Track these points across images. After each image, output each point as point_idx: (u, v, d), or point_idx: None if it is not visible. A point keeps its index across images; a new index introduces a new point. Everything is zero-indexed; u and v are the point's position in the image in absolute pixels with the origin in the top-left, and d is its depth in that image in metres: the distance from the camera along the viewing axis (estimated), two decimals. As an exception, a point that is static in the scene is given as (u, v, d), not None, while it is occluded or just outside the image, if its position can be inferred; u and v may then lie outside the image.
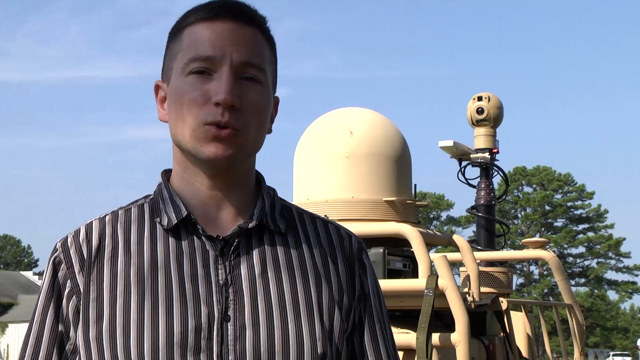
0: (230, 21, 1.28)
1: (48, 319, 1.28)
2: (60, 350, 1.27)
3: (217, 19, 1.28)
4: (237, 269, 1.26)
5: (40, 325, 1.28)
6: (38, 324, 1.28)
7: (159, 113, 1.34)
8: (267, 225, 1.31)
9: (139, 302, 1.23)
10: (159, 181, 1.36)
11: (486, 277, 6.02)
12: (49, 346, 1.27)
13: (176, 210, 1.29)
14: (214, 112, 1.24)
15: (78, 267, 1.27)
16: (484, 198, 7.37)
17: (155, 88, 1.36)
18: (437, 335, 4.42)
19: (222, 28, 1.27)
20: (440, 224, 55.16)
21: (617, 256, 54.30)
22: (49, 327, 1.27)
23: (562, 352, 7.23)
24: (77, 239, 1.30)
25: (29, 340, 1.28)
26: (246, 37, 1.28)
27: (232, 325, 1.23)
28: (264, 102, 1.29)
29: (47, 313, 1.28)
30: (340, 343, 1.28)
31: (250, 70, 1.27)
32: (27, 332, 1.30)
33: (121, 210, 1.34)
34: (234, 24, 1.28)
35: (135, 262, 1.26)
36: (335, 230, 1.37)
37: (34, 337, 1.28)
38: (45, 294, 1.29)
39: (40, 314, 1.28)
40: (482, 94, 7.40)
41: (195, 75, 1.26)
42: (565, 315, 6.86)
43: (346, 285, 1.32)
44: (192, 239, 1.28)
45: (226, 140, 1.24)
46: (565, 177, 54.84)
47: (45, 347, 1.27)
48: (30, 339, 1.28)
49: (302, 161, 5.50)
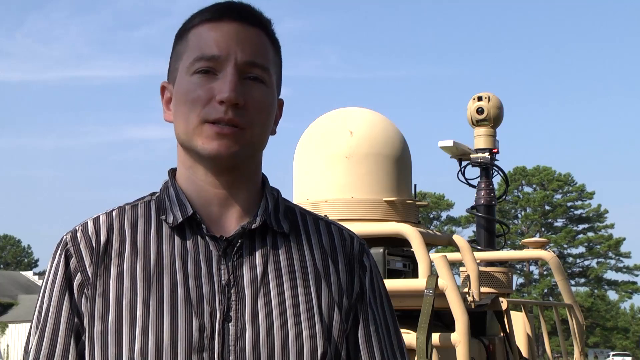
0: (235, 22, 1.29)
1: (64, 310, 1.27)
2: (77, 342, 1.26)
3: (223, 19, 1.29)
4: (240, 270, 1.27)
5: (56, 318, 1.27)
6: (53, 317, 1.27)
7: (165, 114, 1.35)
8: (271, 226, 1.32)
9: (144, 300, 1.23)
10: (166, 179, 1.36)
11: (486, 277, 6.03)
12: (66, 338, 1.26)
13: (182, 209, 1.30)
14: (217, 110, 1.25)
15: (88, 261, 1.28)
16: (484, 198, 7.37)
17: (161, 89, 1.37)
18: (437, 335, 4.43)
19: (227, 28, 1.28)
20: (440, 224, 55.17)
21: (617, 256, 54.31)
22: (66, 320, 1.26)
23: (562, 352, 7.23)
24: (85, 233, 1.30)
25: (45, 333, 1.26)
26: (251, 37, 1.29)
27: (234, 325, 1.23)
28: (268, 102, 1.30)
29: (62, 305, 1.27)
30: (339, 343, 1.28)
31: (255, 70, 1.28)
32: (37, 326, 1.27)
33: (128, 206, 1.34)
34: (239, 24, 1.29)
35: (141, 260, 1.27)
36: (337, 231, 1.38)
37: (50, 331, 1.26)
38: (59, 287, 1.28)
39: (55, 306, 1.27)
40: (482, 94, 7.40)
41: (200, 74, 1.27)
42: (565, 315, 6.86)
43: (346, 286, 1.32)
44: (196, 238, 1.29)
45: (229, 137, 1.25)
46: (565, 177, 54.85)
47: (62, 340, 1.26)
48: (46, 332, 1.26)
49: (302, 161, 5.50)
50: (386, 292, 1.39)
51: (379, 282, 1.38)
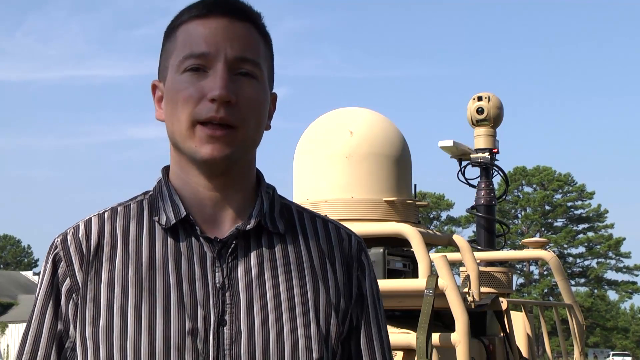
0: (223, 17, 1.27)
1: (47, 316, 1.27)
2: (59, 348, 1.26)
3: (211, 15, 1.27)
4: (234, 272, 1.25)
5: (39, 323, 1.27)
6: (37, 322, 1.27)
7: (157, 112, 1.34)
8: (266, 227, 1.30)
9: (136, 303, 1.22)
10: (159, 177, 1.34)
11: (486, 277, 6.03)
12: (48, 344, 1.26)
13: (175, 210, 1.28)
14: (209, 109, 1.23)
15: (78, 265, 1.26)
16: (484, 198, 7.37)
17: (152, 87, 1.35)
18: (437, 335, 4.42)
19: (215, 24, 1.27)
20: (440, 224, 55.15)
21: (617, 256, 54.29)
22: (48, 325, 1.26)
23: (562, 352, 7.23)
24: (76, 236, 1.29)
25: (27, 338, 1.27)
26: (240, 32, 1.27)
27: (229, 329, 1.22)
28: (260, 98, 1.28)
29: (46, 311, 1.27)
30: (336, 346, 1.27)
31: (245, 65, 1.26)
32: (25, 330, 1.29)
33: (120, 206, 1.32)
34: (228, 20, 1.27)
35: (133, 262, 1.25)
36: (335, 230, 1.36)
37: (32, 336, 1.27)
38: (44, 292, 1.28)
39: (40, 311, 1.27)
40: (482, 94, 7.41)
41: (190, 72, 1.25)
42: (565, 315, 6.86)
43: (343, 288, 1.31)
44: (190, 239, 1.27)
45: (221, 139, 1.23)
46: (565, 177, 54.84)
47: (43, 346, 1.26)
48: (29, 337, 1.27)
49: (302, 161, 5.50)
50: (379, 292, 1.38)
51: (376, 282, 1.38)
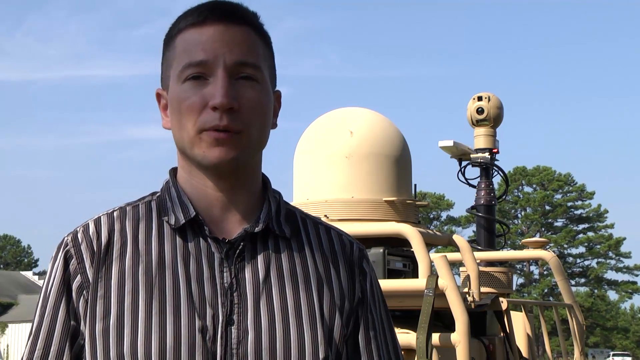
0: (219, 23, 1.27)
1: (60, 313, 1.27)
2: (72, 345, 1.26)
3: (207, 22, 1.27)
4: (242, 273, 1.27)
5: (52, 319, 1.27)
6: (49, 318, 1.27)
7: (163, 121, 1.34)
8: (273, 230, 1.31)
9: (146, 301, 1.23)
10: (166, 178, 1.35)
11: (486, 277, 6.03)
12: (62, 340, 1.26)
13: (184, 210, 1.29)
14: (212, 117, 1.23)
15: (89, 263, 1.27)
16: (484, 198, 7.38)
17: (157, 96, 1.36)
18: (437, 335, 4.43)
19: (212, 31, 1.27)
20: (440, 224, 55.14)
21: (617, 256, 54.30)
22: (62, 322, 1.27)
23: (562, 352, 7.23)
24: (87, 234, 1.29)
25: (40, 334, 1.27)
26: (238, 37, 1.27)
27: (236, 329, 1.23)
28: (263, 100, 1.28)
29: (59, 307, 1.27)
30: (340, 347, 1.29)
31: (246, 69, 1.27)
32: (35, 326, 1.28)
33: (129, 206, 1.34)
34: (224, 25, 1.27)
35: (143, 261, 1.26)
36: (337, 236, 1.38)
37: (45, 331, 1.27)
38: (56, 288, 1.28)
39: (52, 307, 1.27)
40: (482, 94, 7.41)
41: (191, 81, 1.26)
42: (565, 315, 6.87)
43: (347, 291, 1.32)
44: (199, 240, 1.28)
45: (228, 142, 1.24)
46: (565, 177, 54.85)
47: (57, 342, 1.26)
48: (41, 333, 1.27)
49: (302, 161, 5.50)
50: (383, 297, 1.40)
51: (378, 288, 1.39)
